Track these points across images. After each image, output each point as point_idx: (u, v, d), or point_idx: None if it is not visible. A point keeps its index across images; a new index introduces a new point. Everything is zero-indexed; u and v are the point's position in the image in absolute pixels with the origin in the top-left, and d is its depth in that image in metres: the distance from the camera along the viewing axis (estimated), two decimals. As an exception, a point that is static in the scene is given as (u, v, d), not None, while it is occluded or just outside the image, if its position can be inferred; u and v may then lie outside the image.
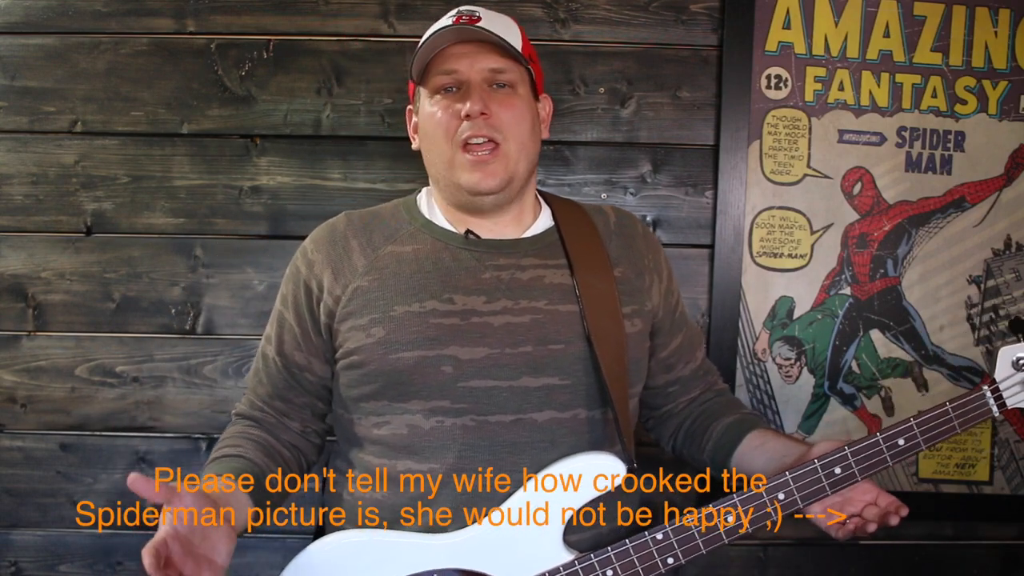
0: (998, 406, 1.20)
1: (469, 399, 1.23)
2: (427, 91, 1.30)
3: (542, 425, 1.24)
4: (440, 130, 1.27)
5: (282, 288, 1.36)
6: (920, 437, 1.19)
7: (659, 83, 1.86)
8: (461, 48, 1.27)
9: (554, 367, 1.26)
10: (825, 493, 1.19)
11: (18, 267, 1.85)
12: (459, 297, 1.26)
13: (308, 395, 1.35)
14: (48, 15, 1.82)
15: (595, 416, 1.29)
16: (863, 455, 1.19)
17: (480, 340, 1.24)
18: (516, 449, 1.23)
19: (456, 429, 1.23)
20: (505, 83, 1.29)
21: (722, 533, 1.19)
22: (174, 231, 1.85)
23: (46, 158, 1.84)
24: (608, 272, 1.33)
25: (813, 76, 1.84)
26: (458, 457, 1.23)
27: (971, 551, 1.93)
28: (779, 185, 1.85)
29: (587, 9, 1.84)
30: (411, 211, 1.36)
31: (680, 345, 1.44)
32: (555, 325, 1.27)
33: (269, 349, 1.35)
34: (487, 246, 1.31)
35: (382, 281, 1.28)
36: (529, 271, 1.30)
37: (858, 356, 1.87)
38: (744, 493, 1.19)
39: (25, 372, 1.86)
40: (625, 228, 1.42)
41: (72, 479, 1.87)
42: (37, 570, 1.89)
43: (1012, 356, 1.19)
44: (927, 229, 1.87)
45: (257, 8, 1.83)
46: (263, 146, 1.85)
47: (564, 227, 1.36)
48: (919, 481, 1.90)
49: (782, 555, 1.92)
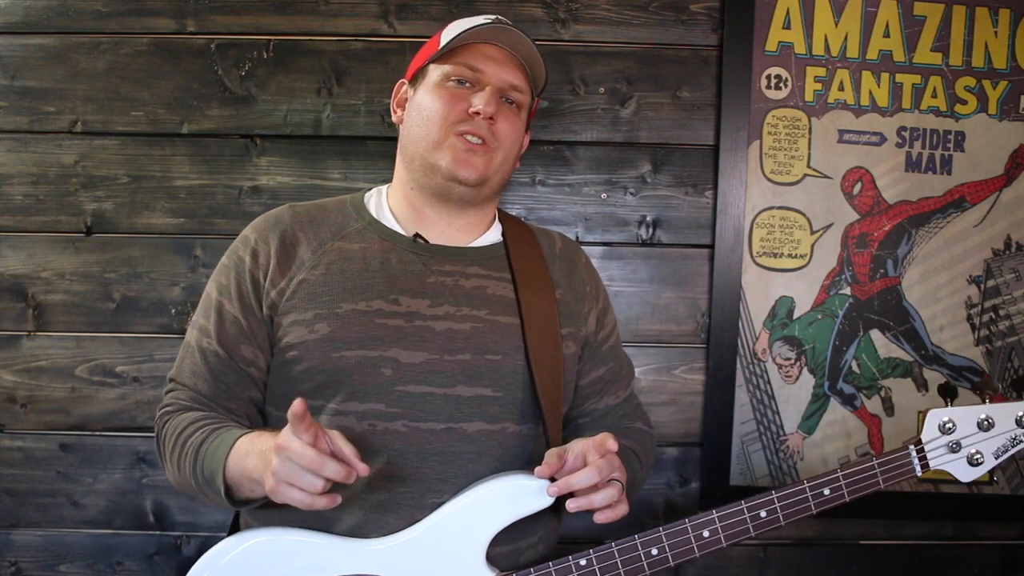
0: (921, 467, 1.26)
1: (403, 403, 1.22)
2: (442, 72, 1.29)
3: (471, 436, 1.23)
4: (439, 114, 1.27)
5: (219, 278, 1.30)
6: (845, 489, 1.24)
7: (659, 83, 1.86)
8: (493, 51, 1.29)
9: (489, 378, 1.25)
10: (749, 534, 1.22)
11: (18, 267, 1.85)
12: (404, 299, 1.25)
13: (254, 389, 1.28)
14: (48, 15, 1.82)
15: (524, 431, 1.28)
16: (788, 501, 1.23)
17: (421, 344, 1.23)
18: (444, 458, 1.22)
19: (387, 434, 1.21)
20: (514, 101, 1.31)
21: (644, 564, 1.20)
22: (174, 231, 1.85)
23: (46, 158, 1.84)
24: (550, 291, 1.34)
25: (813, 76, 1.84)
26: (387, 462, 1.21)
27: (971, 551, 1.93)
28: (779, 185, 1.85)
29: (587, 9, 1.84)
30: (358, 209, 1.35)
31: (601, 378, 1.41)
32: (494, 336, 1.27)
33: (207, 342, 1.27)
34: (434, 251, 1.31)
35: (328, 276, 1.26)
36: (473, 279, 1.30)
37: (858, 356, 1.87)
38: (672, 525, 1.21)
39: (25, 372, 1.86)
40: (569, 254, 1.43)
41: (72, 479, 1.87)
42: (37, 570, 1.89)
43: (939, 420, 1.27)
44: (927, 229, 1.87)
45: (257, 8, 1.83)
46: (263, 146, 1.85)
47: (511, 243, 1.36)
48: (919, 481, 1.89)
49: (782, 555, 1.92)
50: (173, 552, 1.88)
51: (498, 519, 1.19)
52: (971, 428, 1.27)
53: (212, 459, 1.16)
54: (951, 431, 1.27)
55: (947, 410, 1.27)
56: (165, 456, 1.25)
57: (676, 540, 1.21)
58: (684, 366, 1.88)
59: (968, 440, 1.26)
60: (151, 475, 1.87)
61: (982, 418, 1.26)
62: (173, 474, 1.25)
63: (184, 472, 1.21)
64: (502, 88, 1.29)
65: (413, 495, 1.20)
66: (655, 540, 1.20)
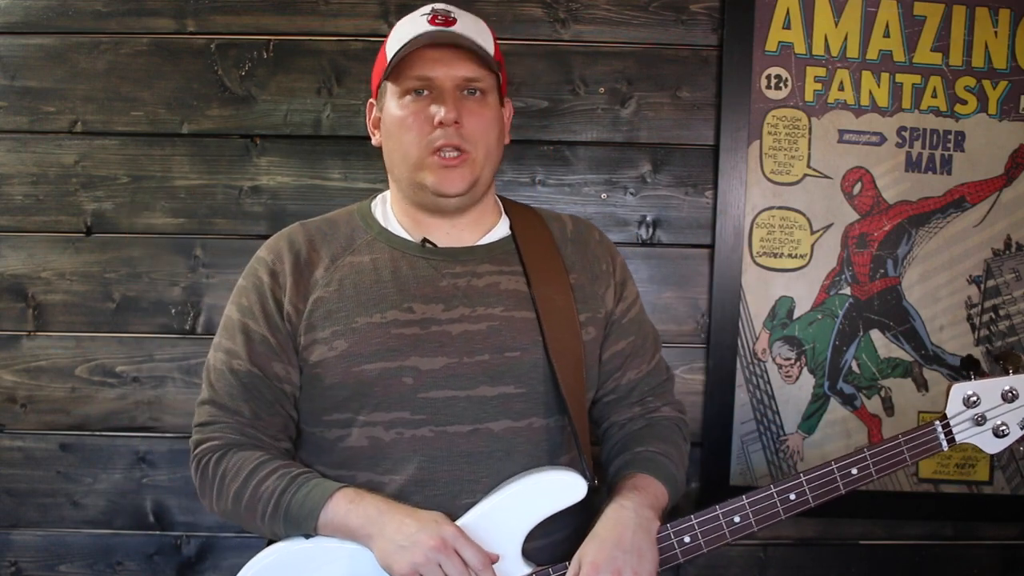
0: (948, 441, 1.27)
1: (428, 410, 1.23)
2: (396, 90, 1.28)
3: (498, 435, 1.24)
4: (410, 134, 1.26)
5: (239, 300, 1.30)
6: (872, 468, 1.25)
7: (659, 83, 1.86)
8: (436, 52, 1.26)
9: (510, 376, 1.25)
10: (779, 518, 1.24)
11: (18, 267, 1.85)
12: (418, 306, 1.26)
13: (290, 406, 1.30)
14: (48, 15, 1.82)
15: (551, 424, 1.28)
16: (817, 483, 1.24)
17: (439, 350, 1.24)
18: (474, 459, 1.23)
19: (416, 440, 1.23)
20: (477, 90, 1.28)
21: (678, 552, 1.23)
22: (174, 231, 1.85)
23: (46, 158, 1.84)
24: (563, 279, 1.33)
25: (813, 76, 1.84)
26: (418, 468, 1.22)
27: (971, 551, 1.93)
28: (779, 185, 1.85)
29: (587, 9, 1.84)
30: (367, 219, 1.35)
31: (621, 351, 1.39)
32: (511, 332, 1.27)
33: (238, 363, 1.27)
34: (443, 254, 1.31)
35: (342, 292, 1.27)
36: (485, 277, 1.30)
37: (858, 356, 1.87)
38: (703, 513, 1.24)
39: (25, 372, 1.86)
40: (581, 235, 1.41)
41: (72, 479, 1.87)
42: (37, 570, 1.89)
43: (963, 393, 1.28)
44: (927, 229, 1.87)
45: (257, 8, 1.83)
46: (263, 146, 1.85)
47: (520, 235, 1.36)
48: (919, 481, 1.89)
49: (782, 555, 1.92)
50: (173, 552, 1.88)
51: (533, 514, 1.20)
52: (995, 400, 1.27)
53: (302, 508, 1.18)
54: (976, 404, 1.27)
55: (971, 383, 1.27)
56: (216, 490, 1.25)
57: (708, 527, 1.23)
58: (684, 366, 1.88)
59: (993, 412, 1.27)
60: (151, 475, 1.87)
61: (1006, 389, 1.27)
62: (223, 507, 1.25)
63: (252, 511, 1.22)
64: (457, 86, 1.26)
65: (446, 498, 1.22)
66: (687, 528, 1.23)
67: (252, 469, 1.22)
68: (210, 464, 1.25)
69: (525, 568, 1.20)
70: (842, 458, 1.25)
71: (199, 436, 1.29)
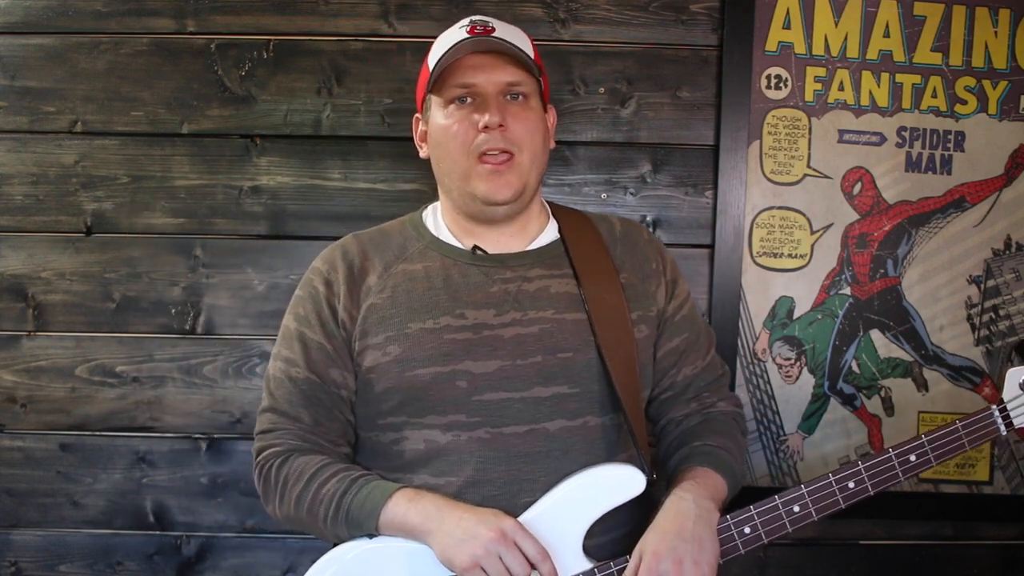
0: (1005, 425, 1.28)
1: (483, 412, 1.25)
2: (440, 101, 1.31)
3: (554, 434, 1.26)
4: (456, 142, 1.28)
5: (295, 310, 1.34)
6: (931, 454, 1.26)
7: (659, 83, 1.86)
8: (477, 59, 1.28)
9: (564, 376, 1.27)
10: (839, 506, 1.24)
11: (18, 267, 1.85)
12: (470, 312, 1.28)
13: (348, 412, 1.33)
14: (48, 15, 1.82)
15: (606, 422, 1.30)
16: (875, 471, 1.25)
17: (492, 353, 1.26)
18: (530, 459, 1.24)
19: (472, 442, 1.24)
20: (520, 94, 1.30)
21: (739, 544, 1.24)
22: (174, 231, 1.85)
23: (46, 158, 1.84)
24: (614, 279, 1.35)
25: (813, 76, 1.84)
26: (475, 469, 1.24)
27: (971, 551, 1.93)
28: (779, 185, 1.85)
29: (587, 9, 1.84)
30: (418, 228, 1.38)
31: (676, 348, 1.41)
32: (563, 333, 1.28)
33: (296, 371, 1.30)
34: (494, 260, 1.33)
35: (395, 299, 1.30)
36: (535, 281, 1.32)
37: (858, 356, 1.87)
38: (761, 504, 1.25)
39: (25, 372, 1.86)
40: (630, 235, 1.43)
41: (72, 479, 1.87)
42: (37, 570, 1.89)
43: (1019, 378, 1.29)
44: (927, 229, 1.87)
45: (257, 8, 1.83)
46: (263, 146, 1.85)
47: (569, 238, 1.38)
48: (919, 481, 1.89)
49: (782, 555, 1.92)
50: (173, 552, 1.88)
51: (592, 509, 1.21)
52: None
53: (362, 509, 1.21)
54: None
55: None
56: (279, 495, 1.28)
57: (767, 517, 1.24)
58: (684, 366, 1.88)
59: None
60: (151, 475, 1.87)
61: None
62: (286, 512, 1.28)
63: (314, 515, 1.24)
64: (500, 91, 1.29)
65: (505, 498, 1.22)
66: (747, 519, 1.24)
67: (313, 473, 1.25)
68: (272, 470, 1.28)
69: (586, 563, 1.21)
70: (899, 445, 1.26)
71: (261, 443, 1.31)
